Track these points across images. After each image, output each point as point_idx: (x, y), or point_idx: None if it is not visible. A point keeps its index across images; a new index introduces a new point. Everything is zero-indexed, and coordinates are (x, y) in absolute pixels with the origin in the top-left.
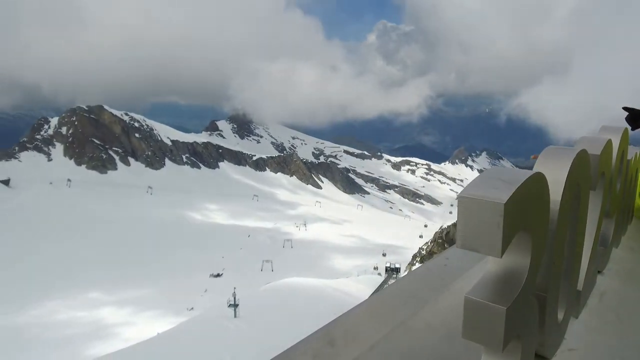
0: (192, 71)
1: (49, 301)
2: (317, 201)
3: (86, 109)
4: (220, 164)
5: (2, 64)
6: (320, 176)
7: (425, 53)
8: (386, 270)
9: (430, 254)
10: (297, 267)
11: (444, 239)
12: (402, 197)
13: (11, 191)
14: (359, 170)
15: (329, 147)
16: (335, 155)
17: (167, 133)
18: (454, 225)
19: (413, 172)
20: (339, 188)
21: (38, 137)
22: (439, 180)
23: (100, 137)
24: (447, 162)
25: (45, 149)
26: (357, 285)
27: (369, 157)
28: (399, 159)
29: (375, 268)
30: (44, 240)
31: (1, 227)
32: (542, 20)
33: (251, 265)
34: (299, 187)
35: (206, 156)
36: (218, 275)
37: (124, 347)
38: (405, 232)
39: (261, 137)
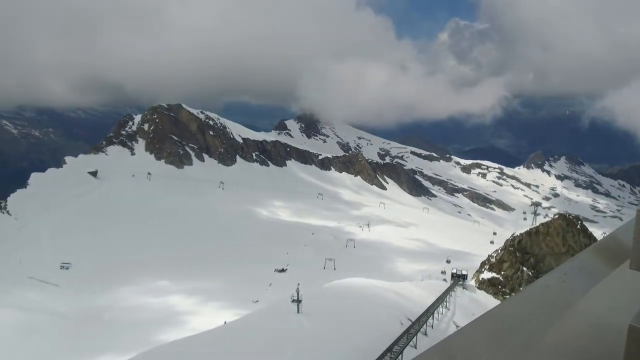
0: (264, 72)
1: (124, 286)
2: (381, 202)
3: (166, 107)
4: (288, 162)
5: (92, 65)
6: (386, 177)
7: (501, 51)
8: (452, 276)
9: (501, 262)
10: (359, 267)
11: (516, 247)
12: (471, 202)
13: (98, 182)
14: (426, 172)
15: (395, 147)
16: (402, 156)
17: (238, 131)
18: (528, 233)
19: (484, 175)
20: (404, 190)
21: (123, 132)
22: (512, 185)
23: (178, 133)
24: (522, 166)
25: (129, 143)
26: (419, 291)
27: (437, 159)
28: (469, 162)
29: (443, 272)
30: (123, 227)
31: (89, 214)
32: (633, 15)
33: (314, 262)
34: (363, 187)
35: (274, 154)
36: (282, 270)
37: (192, 334)
38: (474, 238)
39: (327, 136)
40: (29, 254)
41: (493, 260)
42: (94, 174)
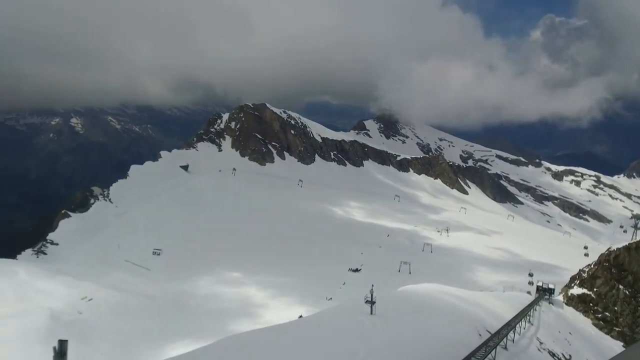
0: (345, 72)
1: (204, 275)
2: (462, 207)
3: (252, 106)
4: (365, 162)
5: (185, 66)
6: (468, 181)
7: (601, 49)
8: (537, 289)
9: (593, 277)
10: (436, 273)
11: (612, 262)
12: (562, 211)
13: (189, 175)
14: (512, 177)
15: (479, 150)
16: (486, 160)
17: (318, 130)
18: (627, 248)
19: (578, 183)
20: (487, 195)
21: (212, 130)
22: (610, 195)
23: (262, 132)
24: (622, 175)
25: (217, 140)
26: (499, 303)
27: (525, 164)
28: (561, 168)
29: (531, 283)
30: (208, 219)
31: (179, 205)
32: None
33: (389, 264)
34: (442, 191)
35: (352, 154)
36: (356, 270)
37: (267, 326)
38: (563, 251)
39: (407, 137)
40: (126, 239)
41: (585, 275)
42: (185, 168)
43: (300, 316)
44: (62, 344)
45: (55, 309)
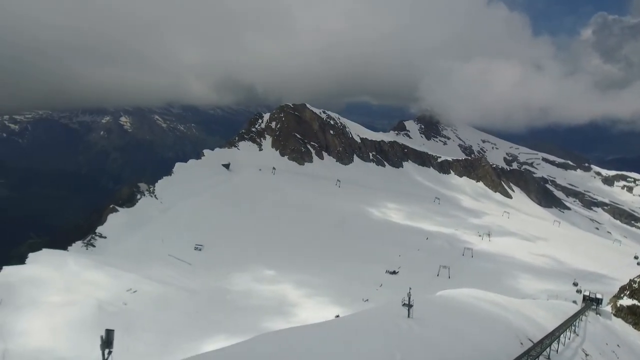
0: (385, 72)
1: (240, 271)
2: (505, 212)
3: (292, 106)
4: (405, 163)
5: (229, 67)
6: (511, 184)
7: None
8: (584, 299)
9: None
10: (476, 278)
11: None
12: (612, 218)
13: (230, 173)
14: (559, 181)
15: (524, 153)
16: (532, 163)
17: (357, 131)
18: None
19: (630, 189)
20: (532, 199)
21: (253, 129)
22: None
23: (301, 132)
24: None
25: (258, 140)
26: (543, 312)
27: (573, 168)
28: (612, 173)
29: (579, 292)
30: (247, 216)
31: (220, 202)
32: None
33: (427, 268)
34: (485, 194)
35: (391, 155)
36: (394, 272)
37: (302, 324)
38: (613, 259)
39: (448, 138)
40: (169, 234)
41: (635, 285)
42: (226, 166)
43: (337, 316)
44: (109, 333)
45: (102, 299)
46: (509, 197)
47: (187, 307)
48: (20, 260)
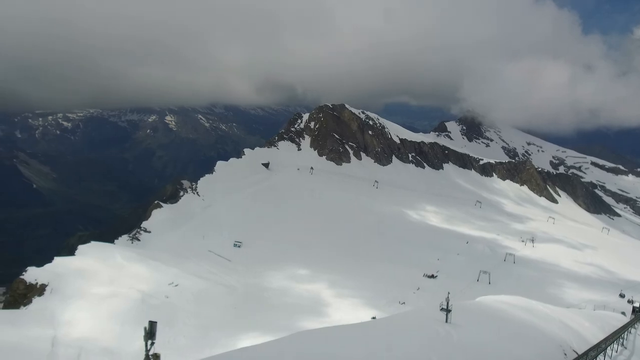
0: (426, 72)
1: (276, 269)
2: (550, 217)
3: (331, 107)
4: (445, 165)
5: (269, 68)
6: (558, 189)
7: None
8: (633, 310)
9: None
10: (518, 286)
11: None
12: None
13: (269, 173)
14: (609, 186)
15: (572, 156)
16: (580, 167)
17: (396, 131)
18: None
19: None
20: (580, 205)
21: (292, 129)
22: None
23: (340, 132)
24: None
25: (297, 140)
26: (588, 323)
27: (625, 173)
28: None
29: (630, 302)
30: (284, 215)
31: (259, 201)
32: None
33: (467, 273)
34: (529, 198)
35: (431, 156)
36: (432, 276)
37: (338, 324)
38: None
39: (491, 140)
40: (210, 230)
41: None
42: (266, 165)
43: (374, 317)
44: (152, 325)
45: (145, 292)
46: (555, 202)
47: (225, 303)
48: (70, 251)
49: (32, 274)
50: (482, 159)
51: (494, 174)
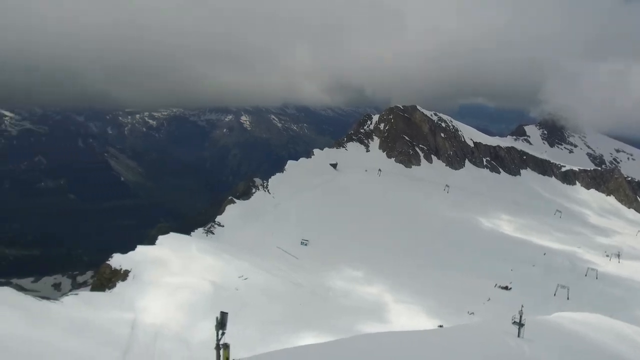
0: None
1: (338, 270)
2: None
3: (401, 108)
4: (522, 171)
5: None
6: None
7: None
8: None
9: None
10: (600, 303)
11: None
12: None
13: (337, 173)
14: None
15: None
16: None
17: (470, 134)
18: None
19: None
20: None
21: (361, 130)
22: None
23: (410, 134)
24: None
25: (366, 141)
26: None
27: None
28: None
29: None
30: (350, 216)
31: (327, 200)
32: None
33: (543, 286)
34: (615, 210)
35: (508, 161)
36: (506, 287)
37: (401, 330)
38: None
39: (575, 146)
40: (279, 227)
41: None
42: (334, 165)
43: (441, 326)
44: (224, 315)
45: (216, 283)
46: None
47: (291, 300)
48: (152, 241)
49: (117, 260)
50: (565, 166)
51: (577, 182)
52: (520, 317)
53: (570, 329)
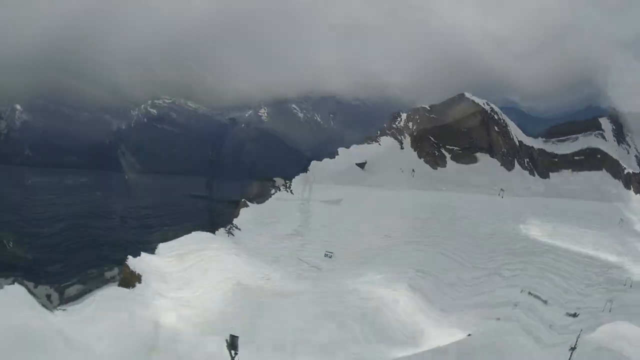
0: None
1: (360, 277)
2: None
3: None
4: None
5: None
6: None
7: None
8: None
9: None
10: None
11: None
12: None
13: (364, 174)
14: None
15: None
16: None
17: (515, 131)
18: None
19: None
20: None
21: (394, 126)
22: None
23: (437, 134)
24: None
25: (399, 137)
26: None
27: None
28: None
29: None
30: (381, 222)
31: (354, 206)
32: None
33: (587, 298)
34: None
35: (541, 164)
36: (539, 298)
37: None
38: None
39: (629, 146)
40: (301, 233)
41: None
42: (361, 165)
43: (469, 335)
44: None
45: (238, 282)
46: None
47: (312, 309)
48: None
49: (133, 262)
50: (625, 168)
51: (631, 187)
52: (577, 339)
53: (615, 344)
